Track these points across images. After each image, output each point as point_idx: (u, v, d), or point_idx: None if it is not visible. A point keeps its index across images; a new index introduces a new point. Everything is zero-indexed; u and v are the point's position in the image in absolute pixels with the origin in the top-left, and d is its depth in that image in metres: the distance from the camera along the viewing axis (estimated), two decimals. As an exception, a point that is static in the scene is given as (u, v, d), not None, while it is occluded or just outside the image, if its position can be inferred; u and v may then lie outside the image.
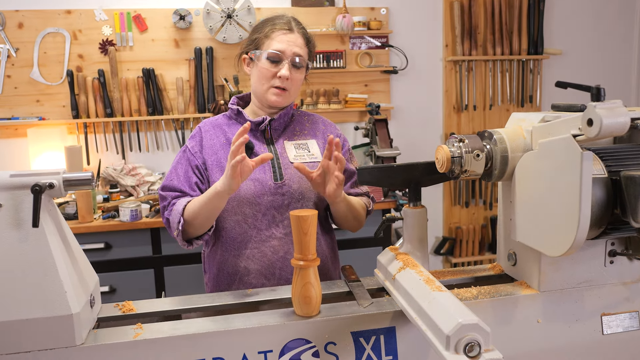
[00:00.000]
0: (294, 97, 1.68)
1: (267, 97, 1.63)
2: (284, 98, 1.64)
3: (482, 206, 4.12)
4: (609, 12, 4.16)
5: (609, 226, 1.15)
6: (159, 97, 3.54)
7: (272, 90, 1.62)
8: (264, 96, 1.64)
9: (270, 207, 1.60)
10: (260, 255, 1.61)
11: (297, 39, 1.62)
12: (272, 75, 1.60)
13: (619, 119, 1.02)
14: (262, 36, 1.63)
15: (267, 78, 1.61)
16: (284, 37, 1.60)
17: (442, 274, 1.47)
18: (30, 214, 1.11)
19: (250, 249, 1.61)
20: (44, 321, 1.10)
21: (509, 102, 4.04)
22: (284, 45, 1.59)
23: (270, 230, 1.61)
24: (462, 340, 0.97)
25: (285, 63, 1.59)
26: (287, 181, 1.61)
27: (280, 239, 1.61)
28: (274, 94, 1.62)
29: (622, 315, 1.34)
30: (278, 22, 1.63)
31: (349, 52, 3.78)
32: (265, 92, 1.63)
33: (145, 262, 3.07)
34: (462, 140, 1.28)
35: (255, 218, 1.60)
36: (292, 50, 1.60)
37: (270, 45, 1.60)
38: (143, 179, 3.45)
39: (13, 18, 3.36)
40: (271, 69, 1.60)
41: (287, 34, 1.61)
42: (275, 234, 1.61)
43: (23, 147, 3.44)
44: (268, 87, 1.62)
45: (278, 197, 1.60)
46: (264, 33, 1.63)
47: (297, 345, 1.21)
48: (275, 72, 1.60)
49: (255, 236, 1.61)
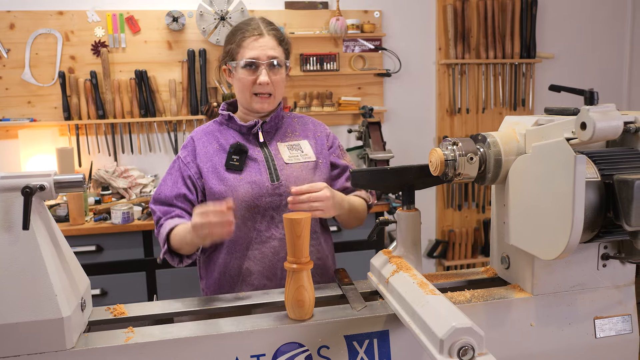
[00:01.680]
0: (279, 98, 1.68)
1: (253, 105, 1.64)
2: (269, 103, 1.64)
3: (475, 209, 4.13)
4: (601, 16, 4.19)
5: (601, 230, 1.15)
6: (151, 99, 3.52)
7: (255, 99, 1.63)
8: (250, 105, 1.65)
9: (268, 208, 1.60)
10: (262, 256, 1.61)
11: (269, 41, 1.61)
12: (251, 82, 1.60)
13: (612, 123, 1.03)
14: (235, 46, 1.63)
15: (247, 87, 1.61)
16: (256, 43, 1.60)
17: (435, 277, 1.47)
18: (20, 216, 1.10)
19: (252, 250, 1.62)
20: (33, 325, 1.09)
21: (501, 105, 4.05)
22: (257, 51, 1.59)
23: (270, 231, 1.61)
24: (456, 344, 0.96)
25: (262, 69, 1.59)
26: (284, 181, 1.61)
27: (281, 239, 1.62)
28: (258, 102, 1.63)
29: (614, 318, 1.34)
30: (247, 29, 1.63)
31: (343, 54, 3.79)
32: (249, 101, 1.64)
33: (136, 265, 3.05)
34: (456, 143, 1.28)
35: (255, 220, 1.61)
36: (266, 54, 1.59)
37: (244, 54, 1.60)
38: (135, 181, 3.43)
39: (4, 19, 3.33)
40: (250, 77, 1.60)
41: (258, 39, 1.60)
42: (275, 235, 1.62)
43: (14, 148, 3.41)
44: (250, 95, 1.62)
45: (276, 197, 1.60)
46: (235, 43, 1.63)
47: (290, 349, 1.21)
48: (254, 79, 1.60)
49: (255, 237, 1.61)
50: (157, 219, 1.64)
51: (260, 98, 1.62)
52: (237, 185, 1.58)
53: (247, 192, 1.59)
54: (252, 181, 1.60)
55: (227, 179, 1.59)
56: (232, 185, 1.58)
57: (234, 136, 1.66)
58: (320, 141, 1.73)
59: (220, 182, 1.59)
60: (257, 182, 1.60)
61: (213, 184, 1.60)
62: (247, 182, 1.59)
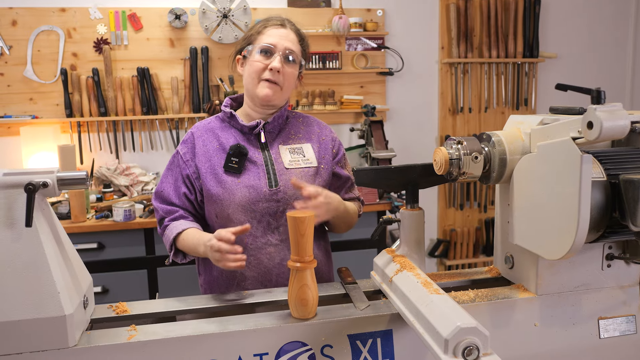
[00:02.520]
0: (286, 95, 1.64)
1: (258, 91, 1.59)
2: (275, 92, 1.59)
3: (477, 209, 4.12)
4: (604, 15, 4.18)
5: (607, 230, 1.15)
6: (153, 97, 3.52)
7: (263, 84, 1.58)
8: (255, 92, 1.60)
9: (265, 214, 1.58)
10: (257, 262, 1.59)
11: (290, 34, 1.62)
12: (263, 67, 1.58)
13: (619, 122, 1.02)
14: (254, 33, 1.63)
15: (258, 72, 1.58)
16: (276, 32, 1.60)
17: (438, 277, 1.47)
18: (23, 213, 1.10)
19: (247, 254, 1.60)
20: (36, 322, 1.09)
21: (504, 104, 4.05)
22: (275, 39, 1.59)
23: (266, 237, 1.59)
24: (461, 343, 0.96)
25: (276, 56, 1.57)
26: (282, 187, 1.58)
27: (276, 245, 1.60)
28: (265, 86, 1.58)
29: (619, 319, 1.34)
30: (271, 19, 1.64)
31: (345, 53, 3.78)
32: (256, 87, 1.59)
33: (138, 263, 3.05)
34: (461, 142, 1.27)
35: (250, 225, 1.57)
36: (284, 44, 1.59)
37: (262, 39, 1.60)
38: (137, 179, 3.43)
39: (7, 15, 3.33)
40: (263, 61, 1.58)
41: (280, 29, 1.61)
42: (271, 241, 1.59)
43: (16, 145, 3.41)
44: (259, 80, 1.59)
45: (273, 203, 1.58)
46: (255, 30, 1.64)
47: (294, 347, 1.20)
48: (267, 64, 1.57)
49: (251, 243, 1.59)
50: (160, 218, 1.64)
51: (268, 84, 1.58)
52: (235, 188, 1.56)
53: (244, 197, 1.56)
54: (249, 185, 1.57)
55: (224, 182, 1.57)
56: (230, 188, 1.56)
57: (234, 135, 1.63)
58: (324, 145, 1.69)
59: (218, 185, 1.57)
60: (255, 187, 1.57)
61: (211, 186, 1.58)
62: (244, 186, 1.57)
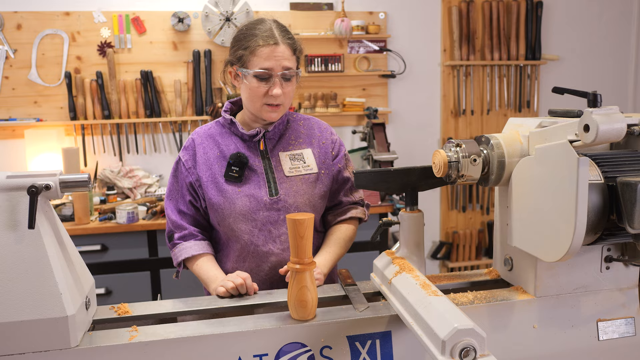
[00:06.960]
0: (288, 107, 1.63)
1: (262, 114, 1.58)
2: (279, 113, 1.59)
3: (479, 211, 4.12)
4: (606, 18, 4.18)
5: (605, 232, 1.15)
6: (156, 100, 3.53)
7: (266, 108, 1.56)
8: (258, 113, 1.59)
9: (266, 223, 1.58)
10: (259, 270, 1.61)
11: (285, 51, 1.53)
12: (263, 93, 1.54)
13: (615, 125, 1.03)
14: (248, 53, 1.54)
15: (258, 97, 1.54)
16: (270, 52, 1.52)
17: (438, 279, 1.47)
18: (26, 215, 1.11)
19: (249, 263, 1.61)
20: (38, 323, 1.10)
21: (506, 107, 4.05)
22: (271, 62, 1.51)
23: (268, 246, 1.59)
24: (458, 345, 0.97)
25: (275, 80, 1.53)
26: (283, 196, 1.58)
27: (278, 254, 1.60)
28: (268, 111, 1.56)
29: (618, 321, 1.34)
30: (261, 35, 1.53)
31: (347, 56, 3.79)
32: (259, 110, 1.58)
33: (141, 265, 3.07)
34: (459, 145, 1.28)
35: (252, 234, 1.58)
36: (281, 64, 1.52)
37: (257, 63, 1.52)
38: (140, 181, 3.45)
39: (11, 19, 3.35)
40: (261, 87, 1.53)
41: (274, 49, 1.52)
42: (273, 250, 1.60)
43: (20, 148, 3.43)
44: (261, 104, 1.56)
45: (274, 212, 1.58)
46: (249, 49, 1.54)
47: (293, 349, 1.21)
48: (266, 90, 1.53)
49: (252, 252, 1.60)
50: (169, 231, 1.66)
51: (271, 108, 1.56)
52: (235, 197, 1.57)
53: (245, 206, 1.57)
54: (250, 194, 1.57)
55: (225, 191, 1.57)
56: (230, 197, 1.57)
57: (235, 142, 1.63)
58: (325, 149, 1.68)
59: (219, 194, 1.58)
60: (255, 196, 1.57)
61: (212, 195, 1.59)
62: (245, 195, 1.57)
